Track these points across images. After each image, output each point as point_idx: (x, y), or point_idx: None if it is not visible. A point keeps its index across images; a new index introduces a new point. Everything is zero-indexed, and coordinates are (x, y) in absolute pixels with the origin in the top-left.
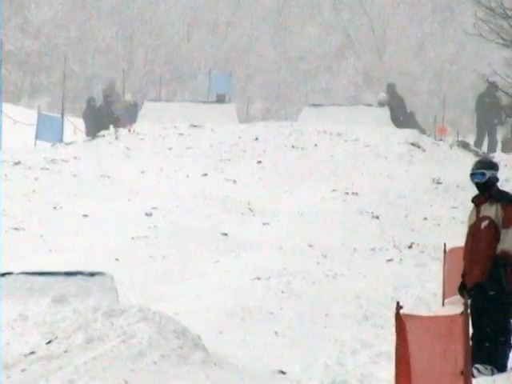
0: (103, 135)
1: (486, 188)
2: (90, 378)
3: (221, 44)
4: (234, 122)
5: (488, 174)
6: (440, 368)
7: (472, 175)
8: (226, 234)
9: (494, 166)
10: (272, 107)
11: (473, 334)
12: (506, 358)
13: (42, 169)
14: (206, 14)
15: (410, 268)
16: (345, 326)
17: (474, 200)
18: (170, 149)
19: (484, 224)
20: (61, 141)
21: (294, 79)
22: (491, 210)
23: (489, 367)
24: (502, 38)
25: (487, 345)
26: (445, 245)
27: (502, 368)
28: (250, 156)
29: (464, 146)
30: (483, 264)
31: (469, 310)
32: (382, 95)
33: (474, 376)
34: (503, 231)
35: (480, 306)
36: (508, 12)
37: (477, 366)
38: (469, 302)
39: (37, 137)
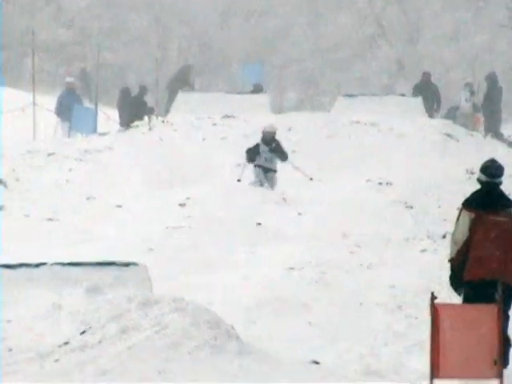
0: (137, 126)
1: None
2: (124, 369)
3: (254, 33)
4: (267, 113)
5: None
6: (474, 357)
7: (495, 178)
8: (260, 224)
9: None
10: (305, 97)
11: None
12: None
13: (75, 159)
14: (240, 4)
15: (444, 258)
16: (378, 316)
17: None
18: (204, 139)
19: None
20: (95, 131)
21: (327, 68)
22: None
23: None
24: None
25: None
26: None
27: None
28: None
29: (497, 136)
30: None
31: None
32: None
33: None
34: None
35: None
36: None
37: None
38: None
39: (71, 128)
